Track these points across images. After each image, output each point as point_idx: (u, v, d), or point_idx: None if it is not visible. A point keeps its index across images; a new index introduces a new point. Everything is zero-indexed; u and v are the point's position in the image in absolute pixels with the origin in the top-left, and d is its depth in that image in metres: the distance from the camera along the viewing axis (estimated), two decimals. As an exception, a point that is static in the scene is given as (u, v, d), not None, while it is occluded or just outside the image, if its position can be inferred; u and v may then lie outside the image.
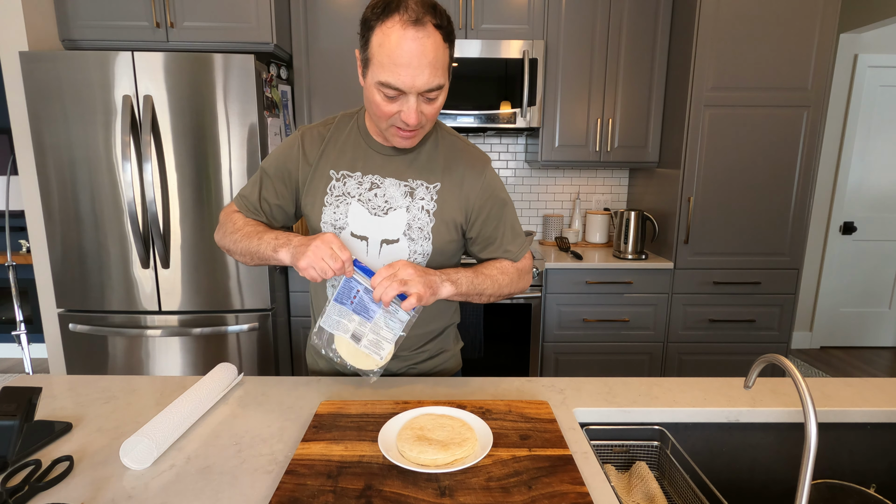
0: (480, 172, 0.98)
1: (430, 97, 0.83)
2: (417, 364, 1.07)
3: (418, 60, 0.77)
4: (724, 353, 2.45)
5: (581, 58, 2.43)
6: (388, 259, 0.96)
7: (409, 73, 0.78)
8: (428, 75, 0.79)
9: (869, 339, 3.53)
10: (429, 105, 0.84)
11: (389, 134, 0.89)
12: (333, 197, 0.97)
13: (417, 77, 0.78)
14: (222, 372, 0.96)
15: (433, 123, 0.92)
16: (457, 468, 0.68)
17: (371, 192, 0.95)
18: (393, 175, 0.96)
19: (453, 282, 0.89)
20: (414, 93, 0.80)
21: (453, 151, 0.99)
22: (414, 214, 0.95)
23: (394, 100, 0.82)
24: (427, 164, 0.97)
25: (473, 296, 0.94)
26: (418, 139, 0.91)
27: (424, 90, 0.81)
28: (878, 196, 3.34)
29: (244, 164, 2.02)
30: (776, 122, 2.24)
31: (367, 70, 0.83)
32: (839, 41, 3.09)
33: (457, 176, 0.97)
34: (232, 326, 2.12)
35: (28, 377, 1.02)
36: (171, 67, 1.94)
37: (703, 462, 0.94)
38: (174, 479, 0.70)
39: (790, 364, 0.64)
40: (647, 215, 2.44)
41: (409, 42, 0.76)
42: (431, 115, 0.86)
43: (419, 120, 0.84)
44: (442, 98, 0.86)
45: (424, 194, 0.95)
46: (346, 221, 0.96)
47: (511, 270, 1.00)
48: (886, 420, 0.92)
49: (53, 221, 2.03)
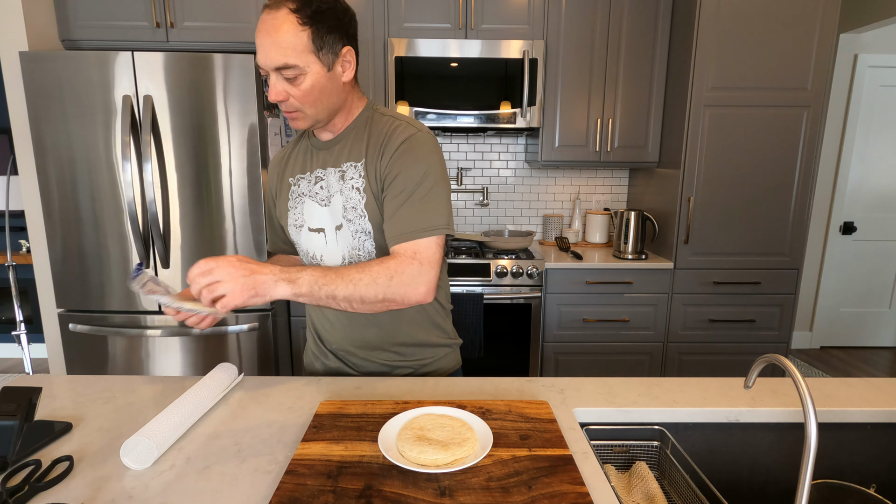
0: (402, 138, 0.92)
1: (288, 76, 0.87)
2: (409, 360, 1.07)
3: (266, 38, 0.84)
4: (724, 353, 2.45)
5: (581, 58, 2.43)
6: (342, 244, 0.99)
7: (262, 50, 0.85)
8: (274, 53, 0.84)
9: (869, 339, 3.53)
10: (293, 86, 0.88)
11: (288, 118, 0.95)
12: (294, 200, 1.03)
13: (267, 54, 0.85)
14: (222, 372, 0.96)
15: (317, 107, 0.91)
16: (457, 468, 0.68)
17: (317, 186, 1.00)
18: (331, 164, 1.00)
19: (291, 281, 0.81)
20: (270, 70, 0.86)
21: (382, 127, 0.96)
22: (347, 196, 0.97)
23: (268, 82, 0.89)
24: (356, 145, 0.98)
25: (323, 298, 0.84)
26: (307, 121, 0.93)
27: (275, 67, 0.86)
28: (878, 196, 3.34)
29: (244, 164, 2.02)
30: (776, 122, 2.24)
31: None
32: (839, 41, 3.09)
33: (377, 147, 0.95)
34: (232, 326, 2.12)
35: (28, 377, 1.02)
36: (171, 67, 1.94)
37: (703, 462, 0.94)
38: (174, 479, 0.70)
39: (790, 364, 0.64)
40: (647, 215, 2.44)
41: (263, 22, 0.85)
42: (301, 97, 0.89)
43: (280, 97, 0.88)
44: (309, 82, 0.88)
45: (353, 173, 0.97)
46: (304, 219, 1.02)
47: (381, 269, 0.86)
48: (886, 420, 0.92)
49: (53, 221, 2.03)
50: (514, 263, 2.32)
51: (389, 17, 2.36)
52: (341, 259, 1.00)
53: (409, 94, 2.37)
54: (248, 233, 2.07)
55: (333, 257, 1.00)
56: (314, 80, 0.88)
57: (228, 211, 2.05)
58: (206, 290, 0.78)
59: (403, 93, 2.37)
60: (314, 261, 1.03)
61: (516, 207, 2.95)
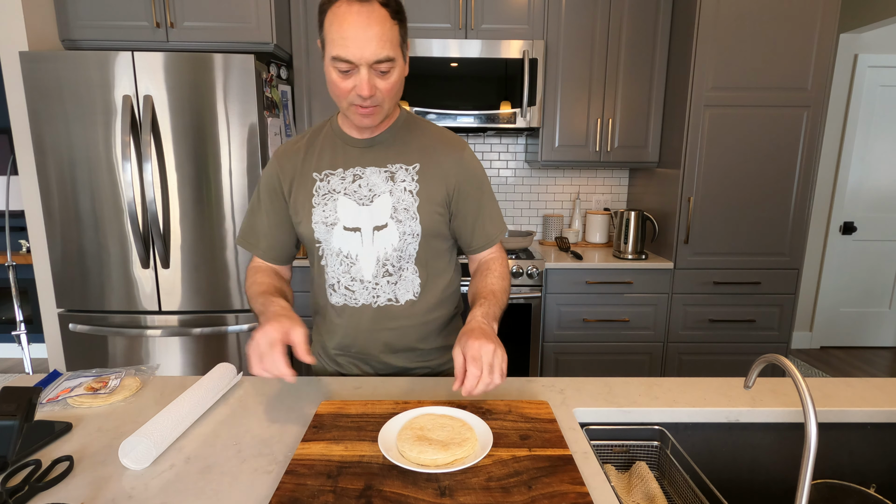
0: (459, 152, 1.02)
1: (382, 70, 0.85)
2: (429, 361, 1.08)
3: (364, 32, 0.82)
4: (724, 353, 2.45)
5: (581, 58, 2.43)
6: (380, 245, 0.98)
7: (356, 44, 0.82)
8: (375, 46, 0.82)
9: (869, 339, 3.53)
10: (382, 79, 0.87)
11: (351, 114, 0.91)
12: (320, 196, 0.99)
13: (365, 47, 0.82)
14: (221, 372, 0.96)
15: (392, 101, 0.93)
16: (457, 468, 0.68)
17: (355, 185, 0.98)
18: (373, 164, 0.99)
19: (495, 318, 0.91)
20: (364, 64, 0.84)
21: (427, 134, 1.02)
22: (398, 197, 0.97)
23: (348, 75, 0.85)
24: (403, 147, 1.00)
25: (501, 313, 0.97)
26: (379, 116, 0.92)
27: (373, 61, 0.84)
28: (878, 196, 3.33)
29: (244, 164, 2.02)
30: (776, 122, 2.24)
31: (325, 52, 0.87)
32: (839, 41, 3.09)
33: (434, 155, 1.00)
34: (232, 326, 2.12)
35: (28, 377, 1.02)
36: (171, 67, 1.94)
37: (703, 462, 0.94)
38: (174, 479, 0.70)
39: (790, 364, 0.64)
40: (647, 215, 2.44)
41: (354, 15, 0.81)
42: (387, 91, 0.89)
43: (372, 91, 0.86)
44: (397, 75, 0.88)
45: (405, 176, 0.98)
46: (337, 217, 0.99)
47: (504, 272, 1.03)
48: (886, 420, 0.92)
49: (53, 221, 2.03)
50: (514, 263, 2.32)
51: (389, 17, 2.36)
52: (375, 260, 0.99)
53: (409, 93, 2.37)
54: (248, 233, 2.07)
55: (368, 257, 0.99)
56: (399, 73, 0.89)
57: (228, 211, 2.05)
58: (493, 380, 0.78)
59: (403, 92, 2.36)
60: (347, 260, 1.00)
61: (516, 207, 2.95)
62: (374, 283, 1.01)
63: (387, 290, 1.01)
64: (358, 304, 1.02)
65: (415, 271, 1.02)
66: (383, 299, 1.02)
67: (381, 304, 1.02)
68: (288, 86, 2.42)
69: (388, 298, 1.02)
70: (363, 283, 1.01)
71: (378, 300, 1.02)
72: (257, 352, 0.80)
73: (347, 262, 1.01)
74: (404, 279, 1.01)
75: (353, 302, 1.02)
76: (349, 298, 1.02)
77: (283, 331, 0.81)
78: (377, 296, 1.01)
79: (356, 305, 1.02)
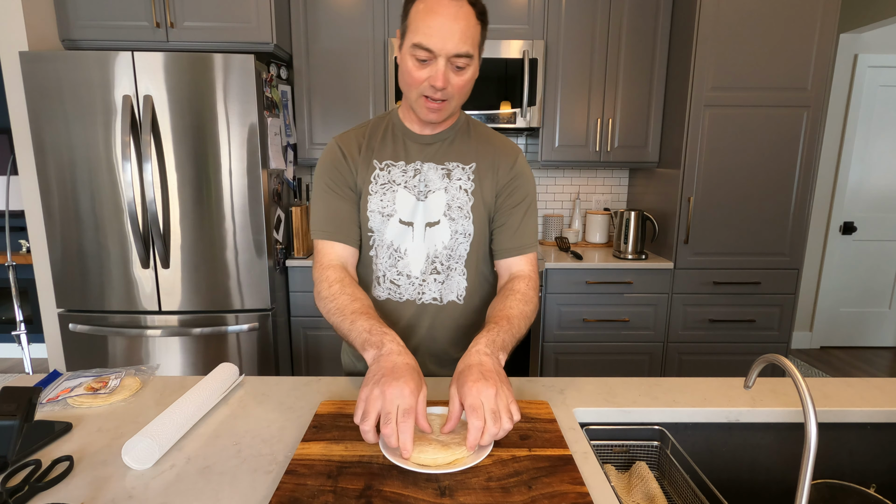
0: (514, 156, 1.03)
1: (459, 65, 0.87)
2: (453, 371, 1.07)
3: (450, 25, 0.83)
4: (724, 353, 2.45)
5: (581, 58, 2.43)
6: (430, 242, 0.98)
7: (440, 34, 0.84)
8: (458, 39, 0.84)
9: (869, 339, 3.53)
10: (456, 75, 0.88)
11: (418, 106, 0.92)
12: (379, 185, 0.99)
13: (448, 39, 0.84)
14: (224, 372, 0.96)
15: (461, 100, 0.94)
16: (457, 468, 0.68)
17: (415, 179, 0.99)
18: (431, 160, 1.00)
19: (503, 347, 0.82)
20: (443, 55, 0.85)
21: (485, 137, 1.04)
22: (452, 195, 0.98)
23: (425, 64, 0.87)
24: (461, 147, 1.01)
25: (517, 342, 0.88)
26: (446, 112, 0.93)
27: (453, 54, 0.85)
28: (878, 196, 3.33)
29: (244, 164, 2.02)
30: (776, 122, 2.24)
31: (404, 40, 0.89)
32: (839, 41, 3.09)
33: (490, 157, 1.01)
34: (232, 326, 2.12)
35: (28, 377, 1.02)
36: (171, 67, 1.94)
37: (703, 462, 0.94)
38: (174, 479, 0.70)
39: (790, 364, 0.64)
40: (647, 215, 2.44)
41: (444, 7, 0.84)
42: (459, 88, 0.90)
43: (445, 84, 0.87)
44: (470, 73, 0.90)
45: (461, 175, 0.99)
46: (394, 208, 0.98)
47: (529, 294, 0.94)
48: (886, 420, 0.92)
49: (53, 221, 2.03)
50: (514, 263, 2.32)
51: (389, 17, 2.36)
52: (425, 256, 0.99)
53: (409, 94, 2.37)
54: (248, 233, 2.07)
55: (417, 253, 0.99)
56: (473, 73, 0.91)
57: (228, 211, 2.05)
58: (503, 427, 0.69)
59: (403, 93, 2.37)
60: (396, 253, 1.00)
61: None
62: (421, 280, 1.00)
63: (433, 288, 1.01)
64: (402, 300, 1.02)
65: (463, 273, 1.02)
66: (428, 297, 1.01)
67: (426, 301, 1.02)
68: (288, 86, 2.42)
69: (433, 297, 1.01)
70: (410, 279, 1.00)
71: (423, 297, 1.01)
72: (388, 410, 0.67)
73: (396, 256, 1.00)
74: (452, 279, 1.01)
75: (397, 296, 1.02)
76: (394, 293, 1.02)
77: (420, 395, 0.70)
78: (423, 293, 1.01)
79: (400, 300, 1.02)
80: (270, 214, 2.15)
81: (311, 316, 2.39)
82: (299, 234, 2.39)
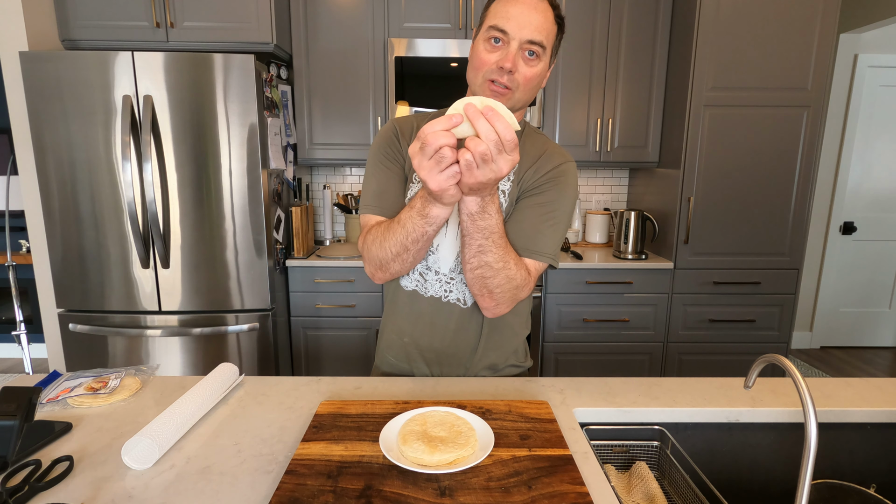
0: (559, 161, 0.97)
1: (532, 51, 0.87)
2: None
3: (529, 13, 0.85)
4: (724, 353, 2.45)
5: (581, 58, 2.43)
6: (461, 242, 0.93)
7: (518, 20, 0.85)
8: (534, 27, 0.85)
9: (869, 339, 3.53)
10: (527, 65, 0.87)
11: (483, 91, 0.91)
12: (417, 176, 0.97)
13: (525, 25, 0.85)
14: (224, 372, 0.96)
15: (524, 95, 0.91)
16: (457, 468, 0.68)
17: None
18: None
19: (497, 209, 0.82)
20: (517, 39, 0.85)
21: (541, 142, 1.01)
22: None
23: (497, 47, 0.87)
24: None
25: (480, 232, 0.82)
26: (508, 102, 0.91)
27: (527, 40, 0.85)
28: (878, 196, 3.34)
29: (244, 164, 2.02)
30: (776, 122, 2.24)
31: (480, 30, 0.90)
32: (839, 41, 3.09)
33: (535, 159, 0.98)
34: (232, 326, 2.12)
35: (28, 377, 1.02)
36: (171, 67, 1.94)
37: (703, 462, 0.94)
38: (174, 479, 0.70)
39: (790, 364, 0.64)
40: (647, 215, 2.44)
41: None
42: (526, 79, 0.89)
43: (514, 68, 0.86)
44: (539, 68, 0.89)
45: None
46: None
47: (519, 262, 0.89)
48: (886, 420, 0.92)
49: (53, 221, 2.03)
50: (514, 263, 2.32)
51: (389, 17, 2.36)
52: (455, 255, 0.97)
53: (408, 93, 2.37)
54: (248, 233, 2.07)
55: (448, 251, 0.97)
56: (541, 69, 0.90)
57: (228, 211, 2.05)
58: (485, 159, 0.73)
59: (403, 93, 2.37)
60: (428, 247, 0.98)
61: (516, 207, 2.95)
62: (449, 277, 0.99)
63: (460, 288, 0.99)
64: (427, 294, 1.01)
65: None
66: (454, 296, 1.00)
67: (451, 300, 1.00)
68: (288, 86, 2.42)
69: (458, 297, 1.00)
70: (438, 275, 0.99)
71: (449, 296, 1.00)
72: None
73: (428, 251, 0.98)
74: None
75: (423, 290, 1.01)
76: (420, 286, 1.01)
77: None
78: (449, 290, 1.00)
79: (425, 295, 1.01)
80: (270, 214, 2.15)
81: (312, 316, 2.39)
82: (299, 234, 2.39)
